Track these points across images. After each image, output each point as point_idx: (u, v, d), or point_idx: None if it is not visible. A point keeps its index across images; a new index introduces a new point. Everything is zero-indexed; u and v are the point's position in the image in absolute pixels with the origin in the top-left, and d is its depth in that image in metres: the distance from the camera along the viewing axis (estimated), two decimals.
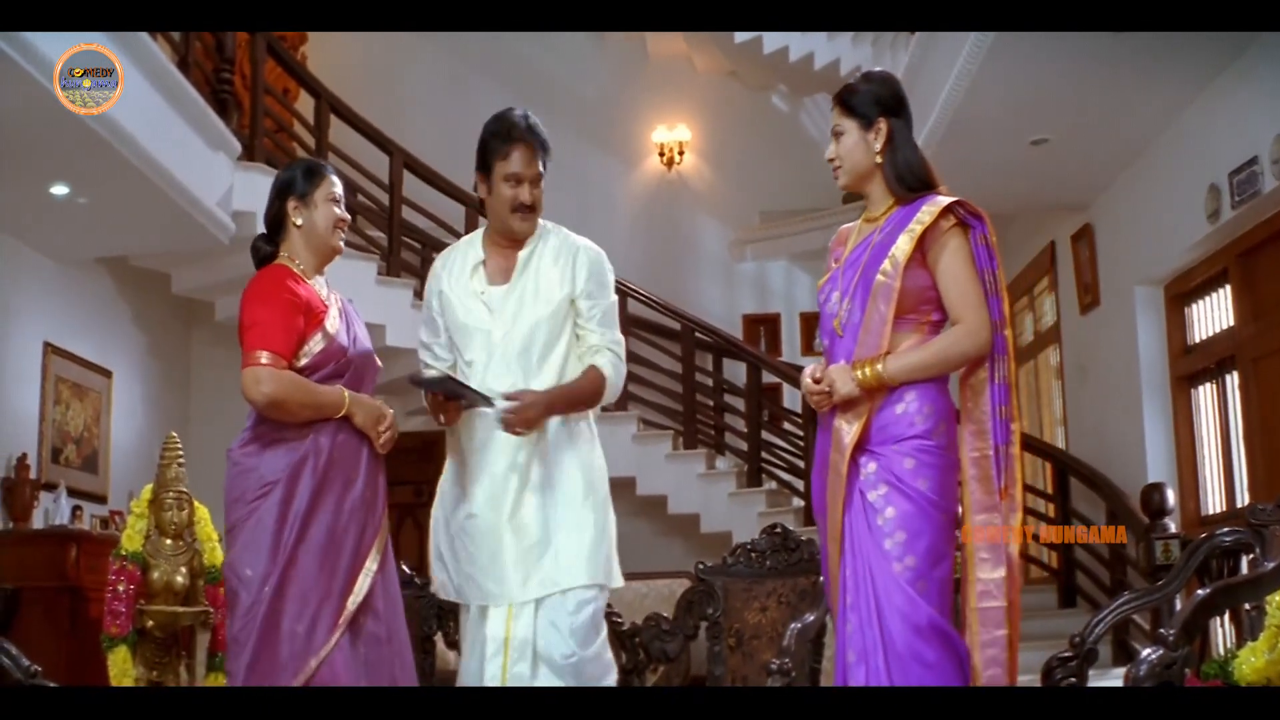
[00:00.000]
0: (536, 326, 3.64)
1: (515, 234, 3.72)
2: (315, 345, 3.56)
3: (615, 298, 3.81)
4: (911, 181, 3.29)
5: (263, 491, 3.46)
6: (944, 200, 3.22)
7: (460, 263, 3.77)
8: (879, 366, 3.15)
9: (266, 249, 3.75)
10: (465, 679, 3.60)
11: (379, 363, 3.94)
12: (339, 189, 3.77)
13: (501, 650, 3.47)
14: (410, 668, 3.64)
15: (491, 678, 3.46)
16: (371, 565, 3.54)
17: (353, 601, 3.46)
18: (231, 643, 3.47)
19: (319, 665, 3.35)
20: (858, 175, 3.35)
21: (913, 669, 3.01)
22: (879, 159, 3.31)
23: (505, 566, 3.53)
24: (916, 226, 3.19)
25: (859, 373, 3.17)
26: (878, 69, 3.54)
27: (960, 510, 3.20)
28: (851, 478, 3.18)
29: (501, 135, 3.66)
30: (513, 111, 3.71)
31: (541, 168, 3.69)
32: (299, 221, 3.69)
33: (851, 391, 3.17)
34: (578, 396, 3.65)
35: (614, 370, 3.69)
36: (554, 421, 3.62)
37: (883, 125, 3.30)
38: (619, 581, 3.67)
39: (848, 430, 3.19)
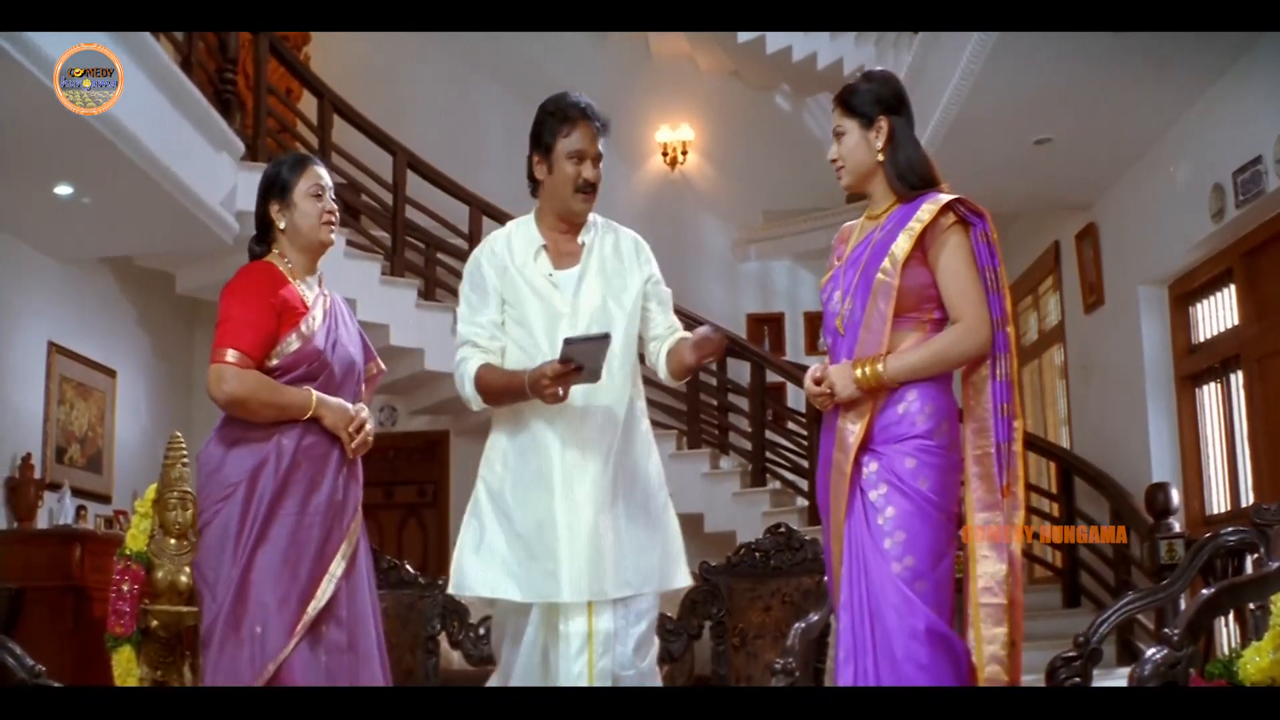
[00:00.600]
0: (615, 313, 3.61)
1: (575, 215, 3.67)
2: (288, 346, 3.51)
3: None
4: (913, 179, 3.27)
5: (226, 493, 3.44)
6: (944, 198, 3.21)
7: (520, 245, 3.69)
8: (878, 366, 3.14)
9: (258, 250, 3.72)
10: (518, 677, 3.51)
11: (382, 366, 3.90)
12: (324, 180, 3.70)
13: (585, 647, 3.42)
14: (377, 677, 3.56)
15: (579, 675, 3.39)
16: (336, 571, 3.48)
17: (313, 607, 3.41)
18: (202, 644, 3.46)
19: (276, 669, 3.33)
20: (860, 174, 3.34)
21: (908, 670, 2.99)
22: (880, 157, 3.30)
23: (595, 563, 3.45)
24: (916, 225, 3.18)
25: (858, 372, 3.16)
26: (878, 68, 3.52)
27: (962, 509, 3.19)
28: (854, 477, 3.17)
29: (561, 114, 3.63)
30: (569, 93, 3.70)
31: (601, 148, 3.67)
32: (282, 225, 3.65)
33: (852, 393, 3.16)
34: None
35: None
36: (637, 423, 3.64)
37: (883, 124, 3.29)
38: (687, 580, 3.70)
39: (852, 430, 3.18)
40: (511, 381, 3.49)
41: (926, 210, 3.19)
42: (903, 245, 3.17)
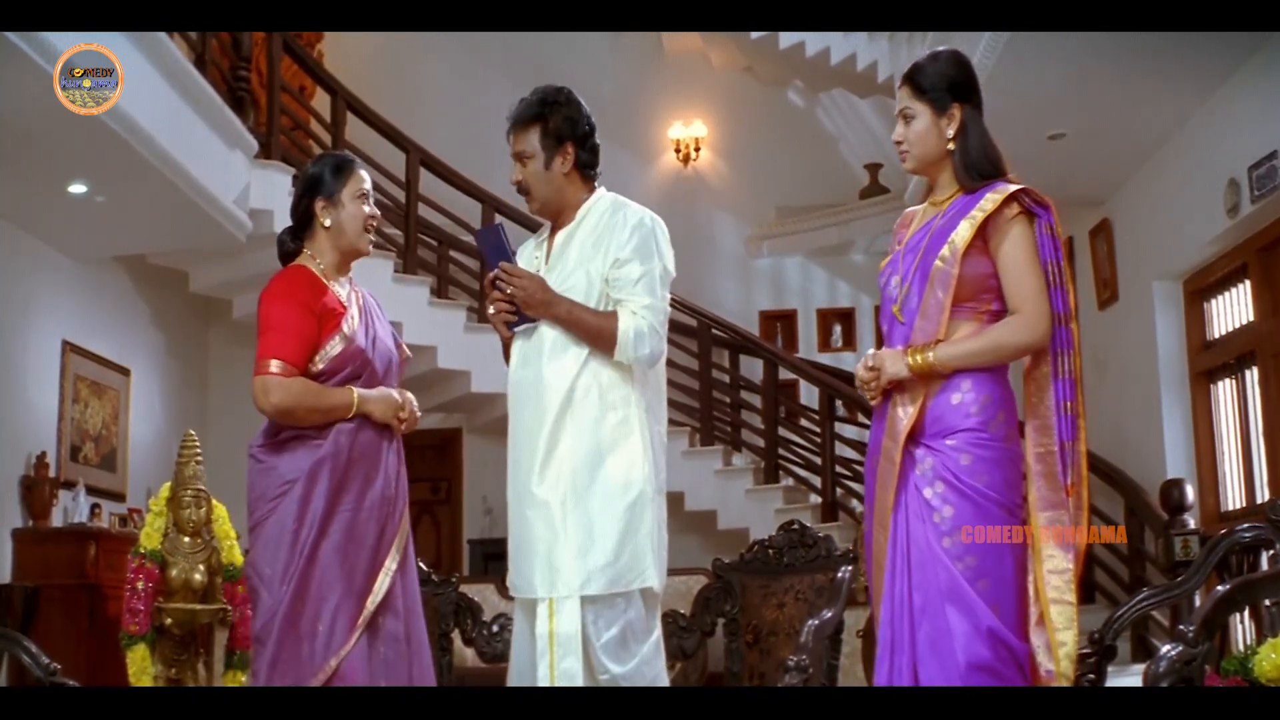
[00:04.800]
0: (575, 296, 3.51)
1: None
2: (332, 349, 3.52)
3: (660, 265, 3.56)
4: (984, 169, 3.20)
5: (282, 490, 3.44)
6: (1009, 188, 3.14)
7: (530, 245, 3.74)
8: (929, 354, 3.08)
9: (291, 245, 3.70)
10: (512, 677, 3.53)
11: (408, 353, 3.91)
12: (368, 184, 3.71)
13: (547, 648, 3.38)
14: (428, 668, 3.59)
15: (542, 677, 3.37)
16: (391, 564, 3.51)
17: (372, 601, 3.43)
18: (255, 642, 3.46)
19: (339, 665, 3.34)
20: (926, 161, 3.26)
21: (971, 672, 2.95)
22: (951, 146, 3.22)
23: (526, 557, 3.46)
24: (978, 214, 3.11)
25: (911, 358, 3.10)
26: (944, 48, 3.38)
27: (1025, 504, 3.12)
28: (906, 469, 3.11)
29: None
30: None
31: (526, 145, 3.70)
32: (327, 222, 3.63)
33: (899, 372, 3.10)
34: (583, 318, 3.48)
35: (634, 330, 3.47)
36: (592, 412, 3.47)
37: (956, 112, 3.21)
38: (651, 583, 3.46)
39: (902, 417, 3.12)
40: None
41: (990, 199, 3.12)
42: (963, 233, 3.10)
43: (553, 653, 3.38)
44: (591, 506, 3.44)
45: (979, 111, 3.26)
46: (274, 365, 3.44)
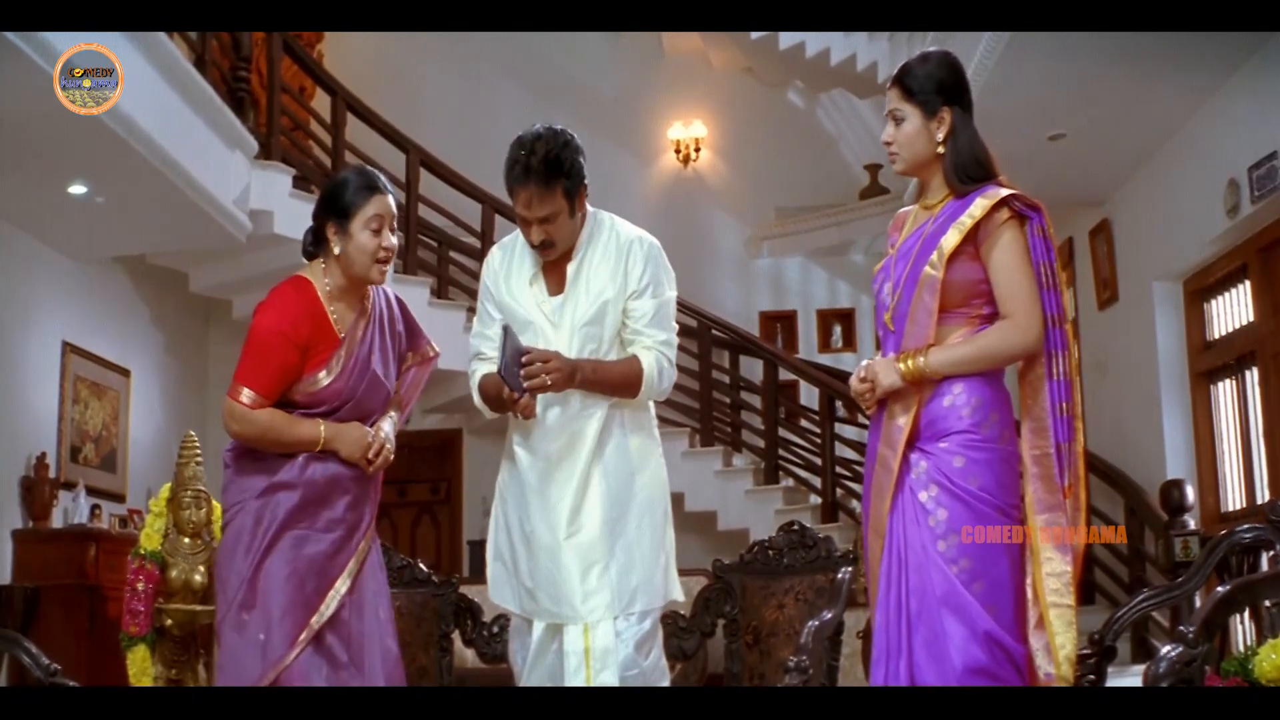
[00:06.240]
0: (588, 334, 3.53)
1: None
2: (312, 384, 3.49)
3: (671, 294, 3.63)
4: (974, 172, 3.18)
5: (243, 498, 3.47)
6: (999, 192, 3.12)
7: (518, 266, 3.64)
8: (920, 360, 3.07)
9: (310, 249, 3.64)
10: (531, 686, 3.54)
11: (436, 349, 3.88)
12: (385, 210, 3.54)
13: (583, 664, 3.41)
14: None
15: None
16: (341, 588, 3.48)
17: (316, 620, 3.42)
18: (216, 640, 3.53)
19: (276, 677, 3.34)
20: (916, 164, 3.26)
21: (968, 675, 2.94)
22: (941, 150, 3.20)
23: (565, 586, 3.45)
24: (967, 220, 3.09)
25: (902, 365, 3.09)
26: (935, 49, 3.38)
27: (1022, 504, 3.11)
28: (902, 474, 3.11)
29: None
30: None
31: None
32: (336, 250, 3.53)
33: (894, 383, 3.10)
34: (607, 376, 3.50)
35: (657, 368, 3.53)
36: (622, 438, 3.55)
37: (946, 115, 3.19)
38: (678, 595, 3.62)
39: (899, 424, 3.11)
40: (498, 393, 3.50)
41: (979, 205, 3.10)
42: (951, 240, 3.09)
43: (589, 667, 3.41)
44: (629, 528, 3.52)
45: (969, 113, 3.24)
46: (245, 395, 3.43)
